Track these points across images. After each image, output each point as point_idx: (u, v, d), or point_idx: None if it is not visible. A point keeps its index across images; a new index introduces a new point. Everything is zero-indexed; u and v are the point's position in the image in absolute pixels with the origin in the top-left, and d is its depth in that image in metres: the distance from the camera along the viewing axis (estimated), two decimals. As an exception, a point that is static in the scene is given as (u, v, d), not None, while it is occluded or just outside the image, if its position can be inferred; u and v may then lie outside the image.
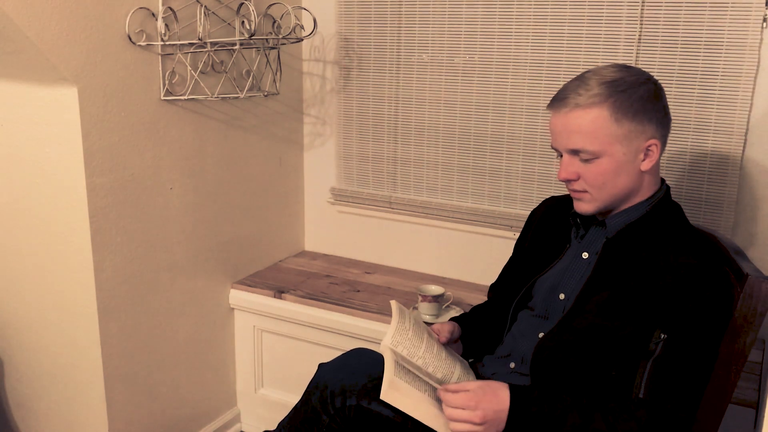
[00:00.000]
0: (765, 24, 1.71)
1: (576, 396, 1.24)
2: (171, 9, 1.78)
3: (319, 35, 2.29)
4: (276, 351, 2.22)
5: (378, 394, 1.22)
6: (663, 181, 1.37)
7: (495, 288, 1.63)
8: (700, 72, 1.79)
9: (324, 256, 2.49)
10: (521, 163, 2.07)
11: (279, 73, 2.12)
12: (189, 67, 1.87)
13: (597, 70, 1.29)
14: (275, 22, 2.05)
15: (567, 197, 1.46)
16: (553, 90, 1.96)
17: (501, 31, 2.02)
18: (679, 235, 1.31)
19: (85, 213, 1.69)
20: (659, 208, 1.33)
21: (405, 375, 1.25)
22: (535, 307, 1.43)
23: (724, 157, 1.81)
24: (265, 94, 2.10)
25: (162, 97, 1.83)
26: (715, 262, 1.27)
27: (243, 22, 1.87)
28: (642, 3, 1.82)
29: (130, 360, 1.89)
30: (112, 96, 1.70)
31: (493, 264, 1.68)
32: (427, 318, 1.93)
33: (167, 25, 1.78)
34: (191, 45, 1.83)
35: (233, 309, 2.24)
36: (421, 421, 1.24)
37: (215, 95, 1.92)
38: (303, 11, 2.21)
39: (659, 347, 1.22)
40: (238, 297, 2.21)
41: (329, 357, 1.59)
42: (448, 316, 1.91)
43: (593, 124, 1.25)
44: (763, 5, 1.70)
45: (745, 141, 1.79)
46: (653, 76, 1.31)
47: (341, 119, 2.33)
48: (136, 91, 1.76)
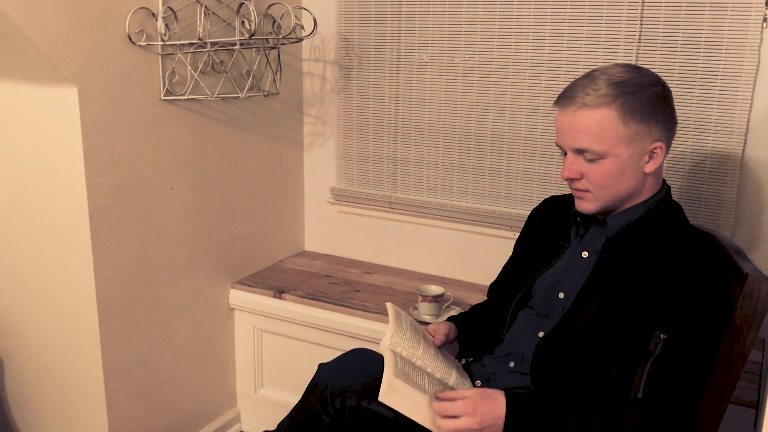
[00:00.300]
0: (765, 24, 1.71)
1: (572, 399, 1.24)
2: (171, 9, 1.78)
3: (319, 35, 2.29)
4: (276, 351, 2.22)
5: (378, 394, 1.22)
6: (664, 182, 1.37)
7: (495, 287, 1.63)
8: (700, 72, 1.79)
9: (324, 256, 2.49)
10: (521, 163, 2.07)
11: (279, 73, 2.12)
12: (189, 67, 1.87)
13: (606, 69, 1.28)
14: (275, 22, 2.05)
15: (568, 197, 1.45)
16: (553, 90, 1.97)
17: (501, 31, 2.02)
18: (679, 235, 1.31)
19: (85, 213, 1.69)
20: (659, 207, 1.33)
21: (404, 376, 1.25)
22: (535, 306, 1.43)
23: (724, 157, 1.81)
24: (265, 94, 2.10)
25: (162, 97, 1.83)
26: (715, 262, 1.27)
27: (243, 22, 1.87)
28: (642, 3, 1.82)
29: (130, 360, 1.89)
30: (112, 96, 1.70)
31: (493, 264, 1.68)
32: (427, 318, 1.93)
33: (167, 25, 1.78)
34: (191, 45, 1.83)
35: (233, 309, 2.24)
36: (420, 423, 1.24)
37: (215, 95, 1.92)
38: (303, 11, 2.21)
39: (659, 347, 1.22)
40: (238, 297, 2.21)
41: (329, 357, 1.59)
42: (448, 316, 1.90)
43: (600, 124, 1.24)
44: (763, 5, 1.70)
45: (745, 141, 1.79)
46: (662, 77, 1.30)
47: (341, 119, 2.33)
48: (136, 91, 1.76)
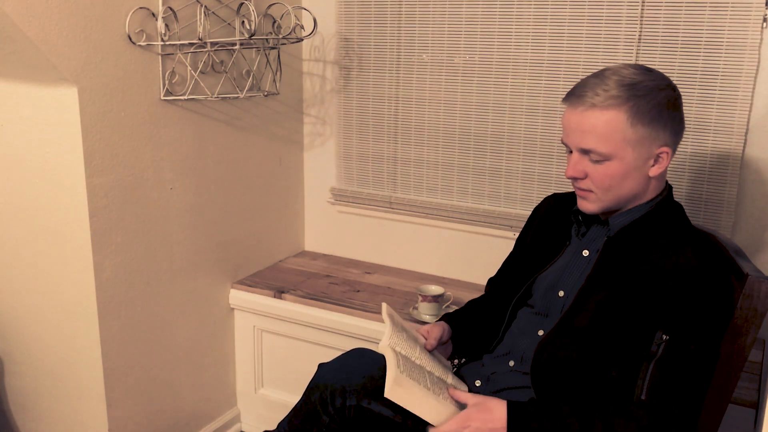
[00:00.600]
0: (765, 24, 1.71)
1: (574, 403, 1.24)
2: (171, 9, 1.78)
3: (319, 35, 2.29)
4: (276, 351, 2.22)
5: (378, 393, 1.22)
6: (666, 182, 1.37)
7: (493, 282, 1.63)
8: (700, 72, 1.79)
9: (324, 256, 2.49)
10: (521, 163, 2.07)
11: (279, 73, 2.12)
12: (189, 67, 1.87)
13: (618, 69, 1.26)
14: (275, 22, 2.05)
15: (570, 194, 1.45)
16: (553, 90, 1.97)
17: (501, 31, 2.02)
18: (680, 235, 1.31)
19: (85, 213, 1.69)
20: (661, 208, 1.33)
21: (407, 372, 1.26)
22: (535, 305, 1.43)
23: (724, 157, 1.81)
24: (265, 94, 2.10)
25: (162, 97, 1.83)
26: (716, 262, 1.27)
27: (243, 22, 1.87)
28: (642, 3, 1.82)
29: (129, 360, 1.89)
30: (112, 96, 1.70)
31: (493, 264, 1.68)
32: (427, 318, 1.93)
33: (167, 25, 1.78)
34: (191, 45, 1.83)
35: (233, 309, 2.24)
36: (425, 419, 1.25)
37: (215, 95, 1.92)
38: (303, 11, 2.21)
39: (661, 348, 1.22)
40: (238, 297, 2.21)
41: (329, 357, 1.59)
42: (447, 316, 1.91)
43: (608, 126, 1.23)
44: (763, 5, 1.70)
45: (745, 141, 1.79)
46: (672, 81, 1.29)
47: (341, 119, 2.33)
48: (136, 91, 1.76)
